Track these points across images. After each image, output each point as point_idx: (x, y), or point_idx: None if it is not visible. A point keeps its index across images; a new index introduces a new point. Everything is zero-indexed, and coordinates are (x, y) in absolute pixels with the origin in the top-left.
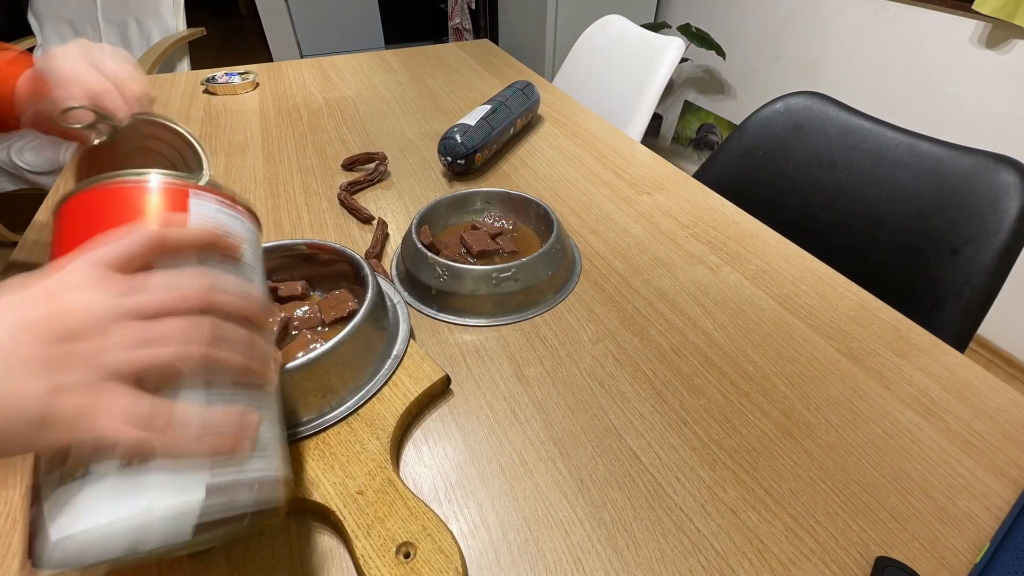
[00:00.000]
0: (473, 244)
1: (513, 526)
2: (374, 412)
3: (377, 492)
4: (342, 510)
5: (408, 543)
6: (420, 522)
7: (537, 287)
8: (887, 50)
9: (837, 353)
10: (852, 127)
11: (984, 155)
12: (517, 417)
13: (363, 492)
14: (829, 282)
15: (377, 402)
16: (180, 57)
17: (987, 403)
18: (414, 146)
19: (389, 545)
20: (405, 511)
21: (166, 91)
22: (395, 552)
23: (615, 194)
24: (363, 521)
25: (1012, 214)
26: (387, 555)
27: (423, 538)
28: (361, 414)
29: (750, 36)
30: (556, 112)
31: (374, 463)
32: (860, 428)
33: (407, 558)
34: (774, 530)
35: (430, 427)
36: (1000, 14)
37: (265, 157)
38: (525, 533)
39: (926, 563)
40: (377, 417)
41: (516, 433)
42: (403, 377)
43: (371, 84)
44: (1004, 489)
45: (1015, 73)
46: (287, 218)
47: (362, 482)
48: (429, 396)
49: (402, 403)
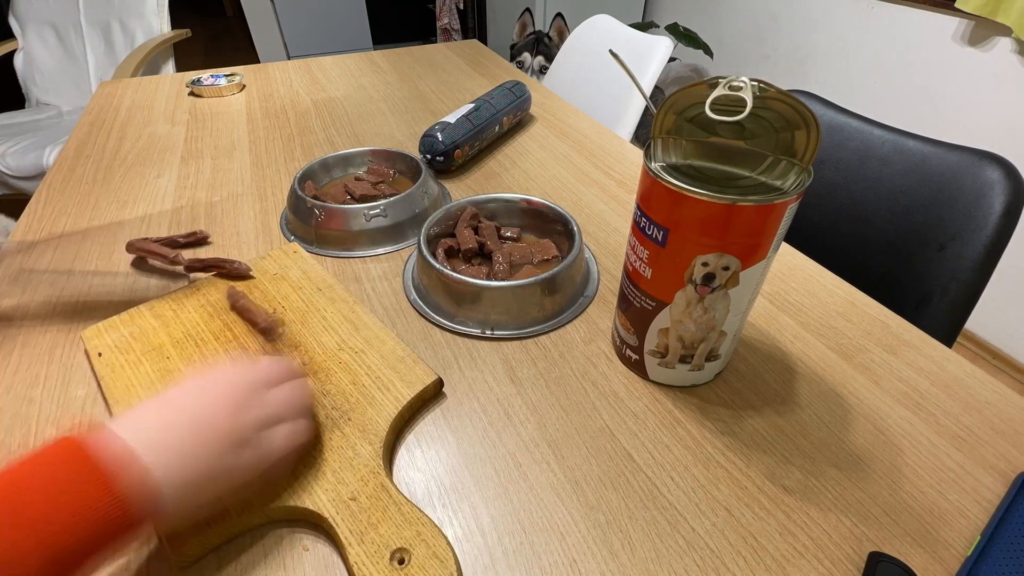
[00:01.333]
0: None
1: (508, 529)
2: (366, 418)
3: (370, 498)
4: (335, 517)
5: (402, 549)
6: (414, 528)
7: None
8: (873, 49)
9: (827, 349)
10: (839, 125)
11: (969, 152)
12: (511, 419)
13: (356, 498)
14: (818, 279)
15: (369, 407)
16: (165, 59)
17: (975, 397)
18: (403, 147)
19: (383, 552)
20: (399, 517)
21: (151, 94)
22: (389, 559)
23: (605, 193)
24: (356, 528)
25: (997, 210)
26: (381, 562)
27: (417, 544)
28: (353, 420)
29: (737, 35)
30: (545, 112)
31: (367, 469)
32: (851, 424)
33: (401, 564)
34: (768, 527)
35: (423, 431)
36: (982, 12)
37: (252, 160)
38: (520, 536)
39: (918, 557)
40: (369, 422)
41: (510, 435)
42: (395, 381)
43: (359, 85)
44: (993, 482)
45: (998, 70)
46: (274, 220)
47: (355, 488)
48: (422, 399)
49: (394, 407)
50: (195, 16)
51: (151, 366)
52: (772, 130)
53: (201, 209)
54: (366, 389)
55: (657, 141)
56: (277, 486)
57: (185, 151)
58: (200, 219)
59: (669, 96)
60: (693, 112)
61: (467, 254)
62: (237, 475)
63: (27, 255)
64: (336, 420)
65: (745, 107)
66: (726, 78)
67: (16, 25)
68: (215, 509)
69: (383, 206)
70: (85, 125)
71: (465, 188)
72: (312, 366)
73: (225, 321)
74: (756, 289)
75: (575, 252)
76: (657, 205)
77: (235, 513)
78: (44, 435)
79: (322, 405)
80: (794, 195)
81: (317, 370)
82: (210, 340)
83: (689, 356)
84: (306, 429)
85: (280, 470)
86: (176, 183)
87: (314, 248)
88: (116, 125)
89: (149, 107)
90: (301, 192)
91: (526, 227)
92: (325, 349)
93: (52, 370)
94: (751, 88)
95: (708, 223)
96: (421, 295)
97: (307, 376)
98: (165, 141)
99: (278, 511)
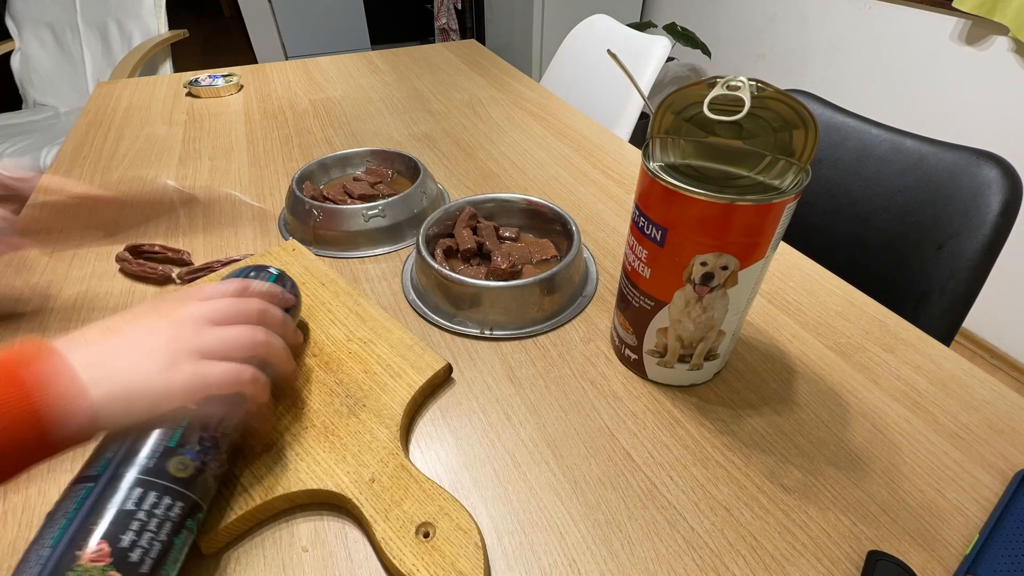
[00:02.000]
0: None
1: (508, 529)
2: (380, 403)
3: (391, 478)
4: (358, 497)
5: (427, 523)
6: (436, 503)
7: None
8: (870, 48)
9: (825, 348)
10: (836, 124)
11: (966, 151)
12: (510, 419)
13: (375, 479)
14: (816, 278)
15: (383, 393)
16: (162, 59)
17: (973, 395)
18: (401, 147)
19: (408, 527)
20: (420, 494)
21: (148, 94)
22: (415, 532)
23: (604, 193)
24: (380, 506)
25: (995, 208)
26: (407, 536)
27: (441, 517)
28: (368, 406)
29: (735, 35)
30: (544, 112)
31: (385, 451)
32: (849, 423)
33: (427, 537)
34: (767, 527)
35: (422, 431)
36: (979, 11)
37: (251, 160)
38: (520, 536)
39: (917, 556)
40: (384, 408)
41: (509, 435)
42: (406, 368)
43: (357, 85)
44: (992, 480)
45: (995, 69)
46: (272, 221)
47: (375, 469)
48: (432, 385)
49: (407, 392)
50: (192, 16)
51: None
52: (770, 130)
53: (199, 209)
54: (378, 377)
55: (655, 141)
56: (297, 470)
57: (183, 152)
58: (198, 220)
59: (667, 96)
60: (691, 112)
61: (466, 254)
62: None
63: (25, 257)
64: (352, 407)
65: (743, 107)
66: (724, 78)
67: (13, 26)
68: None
69: (381, 206)
70: (82, 126)
71: (464, 188)
72: (323, 357)
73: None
74: (755, 288)
75: (574, 252)
76: (655, 205)
77: (259, 497)
78: None
79: (336, 394)
80: (792, 195)
81: (328, 361)
82: None
83: (688, 355)
84: (252, 378)
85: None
86: (174, 184)
87: (313, 248)
88: (113, 126)
89: (146, 108)
90: (299, 193)
91: (525, 227)
92: (334, 341)
93: None
94: (749, 88)
95: (706, 223)
96: (420, 295)
97: (283, 326)
98: (163, 142)
99: (301, 495)
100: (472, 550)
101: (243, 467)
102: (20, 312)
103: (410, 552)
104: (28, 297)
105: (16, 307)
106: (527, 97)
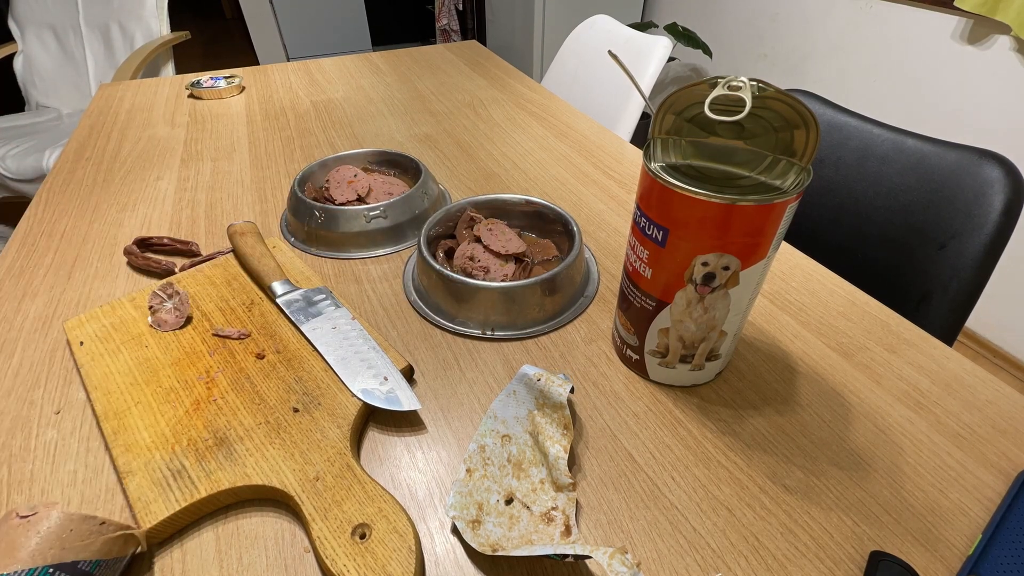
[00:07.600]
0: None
1: None
2: (336, 402)
3: (336, 477)
4: (300, 495)
5: (364, 524)
6: (376, 504)
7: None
8: (872, 48)
9: (827, 348)
10: (838, 124)
11: (968, 150)
12: None
13: (320, 478)
14: (818, 278)
15: (339, 392)
16: (164, 61)
17: (976, 395)
18: (402, 148)
19: (345, 527)
20: (362, 494)
21: (150, 96)
22: (351, 534)
23: (605, 193)
24: (320, 505)
25: (997, 208)
26: (342, 536)
27: (379, 519)
28: (323, 404)
29: (736, 35)
30: (545, 112)
31: (334, 450)
32: (851, 423)
33: (363, 539)
34: (769, 527)
35: (424, 432)
36: (981, 10)
37: (252, 161)
38: None
39: (919, 556)
40: (339, 406)
41: None
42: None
43: (359, 86)
44: (995, 481)
45: (997, 68)
46: (274, 222)
47: (321, 468)
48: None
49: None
50: (194, 18)
51: (129, 355)
52: (771, 129)
53: (201, 210)
54: (336, 376)
55: (656, 141)
56: (245, 465)
57: (185, 153)
58: (200, 221)
59: (668, 96)
60: (692, 112)
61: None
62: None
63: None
64: (307, 405)
65: (744, 107)
66: (725, 78)
67: (16, 28)
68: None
69: (383, 207)
70: (85, 127)
71: (465, 189)
72: (286, 354)
73: (203, 311)
74: (756, 288)
75: (575, 252)
76: (657, 205)
77: (204, 490)
78: (45, 438)
79: (294, 391)
80: (794, 194)
81: (291, 358)
82: (187, 329)
83: (689, 356)
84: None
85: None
86: (176, 185)
87: (314, 249)
88: (116, 127)
89: (149, 109)
90: (301, 193)
91: (526, 227)
92: (298, 337)
93: (53, 372)
94: (750, 88)
95: (708, 223)
96: (421, 296)
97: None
98: (165, 143)
99: (247, 490)
100: (405, 554)
101: (193, 460)
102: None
103: (343, 552)
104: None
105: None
106: (528, 98)
